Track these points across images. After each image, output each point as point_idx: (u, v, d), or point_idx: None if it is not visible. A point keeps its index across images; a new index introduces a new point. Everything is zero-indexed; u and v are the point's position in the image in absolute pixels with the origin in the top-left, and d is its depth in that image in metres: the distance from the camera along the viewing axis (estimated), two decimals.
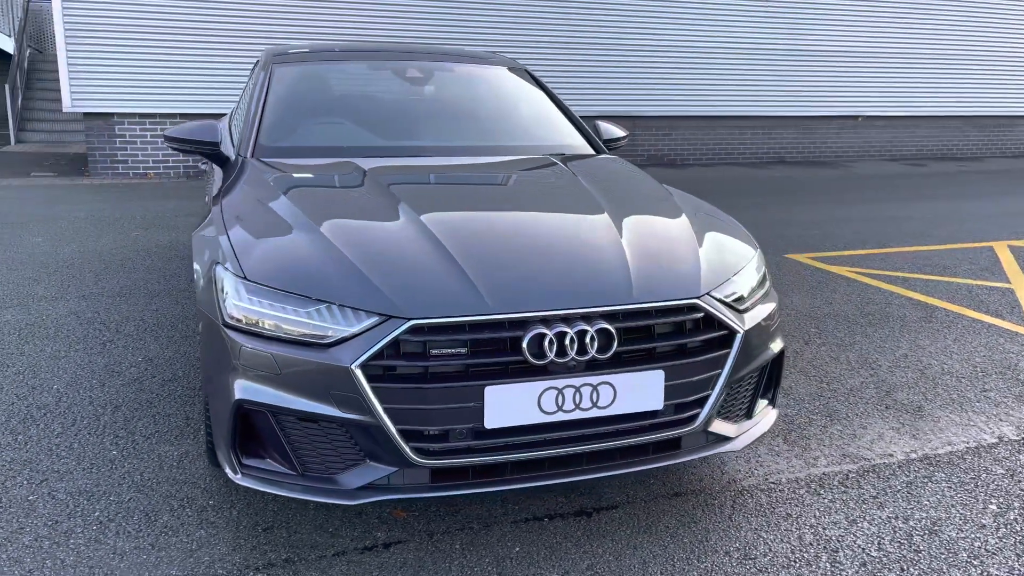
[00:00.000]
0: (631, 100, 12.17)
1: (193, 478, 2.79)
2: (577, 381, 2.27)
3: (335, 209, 2.74)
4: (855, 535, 2.58)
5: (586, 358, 2.26)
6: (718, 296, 2.50)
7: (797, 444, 3.18)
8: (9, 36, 15.58)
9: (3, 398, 3.41)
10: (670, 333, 2.42)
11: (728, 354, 2.48)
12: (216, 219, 2.71)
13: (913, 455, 3.12)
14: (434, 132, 3.72)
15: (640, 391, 2.34)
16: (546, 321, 2.25)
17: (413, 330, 2.17)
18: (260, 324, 2.26)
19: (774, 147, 13.57)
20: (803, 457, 3.08)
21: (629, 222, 2.73)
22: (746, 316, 2.57)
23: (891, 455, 3.12)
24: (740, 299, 2.59)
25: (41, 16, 16.90)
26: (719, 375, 2.47)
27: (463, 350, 2.22)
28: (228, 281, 2.36)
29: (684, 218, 2.86)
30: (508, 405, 2.22)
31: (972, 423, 3.40)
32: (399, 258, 2.41)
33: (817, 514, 2.70)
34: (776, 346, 2.75)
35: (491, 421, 2.22)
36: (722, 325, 2.47)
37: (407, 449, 2.20)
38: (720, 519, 2.65)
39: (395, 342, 2.17)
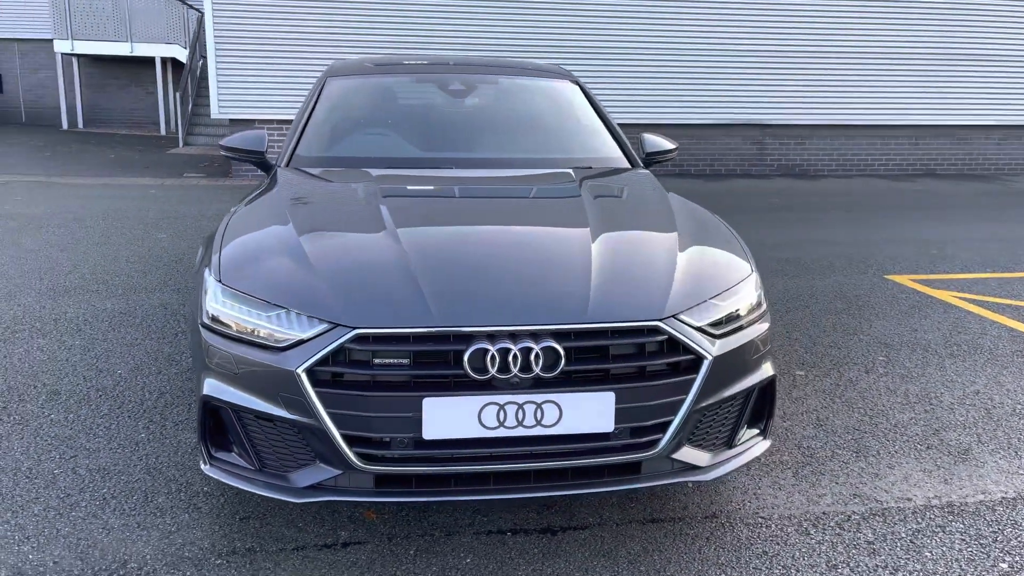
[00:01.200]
0: (759, 107, 11.74)
1: (198, 465, 3.00)
2: (520, 398, 2.26)
3: (322, 220, 2.87)
4: None
5: (530, 376, 2.26)
6: (686, 319, 2.41)
7: (807, 479, 3.01)
8: (184, 47, 17.05)
9: (75, 379, 3.79)
10: (629, 355, 2.37)
11: (694, 379, 2.39)
12: (221, 225, 2.90)
13: (935, 501, 2.87)
14: (465, 144, 3.79)
15: (588, 412, 2.30)
16: (492, 336, 2.26)
17: (358, 339, 2.25)
18: (228, 325, 2.42)
19: (922, 158, 12.67)
20: (807, 493, 2.91)
21: (608, 240, 2.68)
22: (721, 341, 2.46)
23: (910, 499, 2.88)
24: (718, 323, 2.49)
25: None
26: (683, 401, 2.39)
27: (406, 361, 2.27)
28: (208, 283, 2.53)
29: (672, 236, 2.77)
30: (446, 418, 2.25)
31: (1021, 471, 3.09)
32: (361, 269, 2.50)
33: (796, 555, 2.55)
34: (763, 373, 2.62)
35: (429, 432, 2.26)
36: (687, 350, 2.39)
37: (350, 454, 2.28)
38: (687, 550, 2.56)
39: (342, 349, 2.26)
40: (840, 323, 4.89)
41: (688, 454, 2.51)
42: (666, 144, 3.99)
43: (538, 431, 2.29)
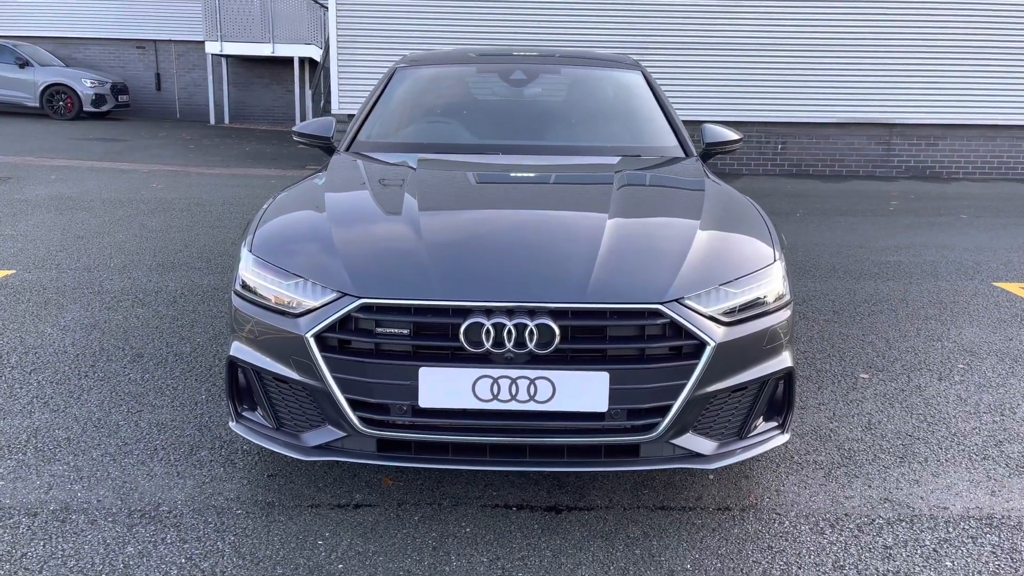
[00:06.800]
0: (886, 105, 11.13)
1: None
2: (513, 373, 2.32)
3: (353, 201, 3.02)
4: None
5: (525, 351, 2.31)
6: (692, 304, 2.39)
7: (837, 480, 2.89)
8: (319, 47, 17.94)
9: (159, 344, 4.13)
10: (627, 336, 2.38)
11: (695, 365, 2.37)
12: (265, 205, 3.10)
13: (974, 512, 2.70)
14: (517, 132, 3.85)
15: (581, 391, 2.33)
16: (489, 311, 2.33)
17: (363, 308, 2.37)
18: (253, 291, 2.59)
19: None
20: (834, 494, 2.80)
21: (622, 224, 2.68)
22: (730, 328, 2.42)
23: (946, 508, 2.73)
24: (730, 310, 2.45)
25: None
26: (683, 386, 2.37)
27: (406, 331, 2.37)
28: (243, 254, 2.73)
29: (693, 222, 2.74)
30: (441, 388, 2.34)
31: None
32: (376, 247, 2.62)
33: (803, 553, 2.47)
34: (779, 364, 2.56)
35: (425, 400, 2.35)
36: (689, 335, 2.37)
37: (353, 418, 2.41)
38: (688, 539, 2.53)
39: (348, 318, 2.38)
40: (926, 328, 4.62)
41: (691, 441, 2.48)
42: (729, 135, 3.91)
43: (532, 406, 2.33)
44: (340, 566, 2.37)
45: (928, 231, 7.65)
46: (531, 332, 2.29)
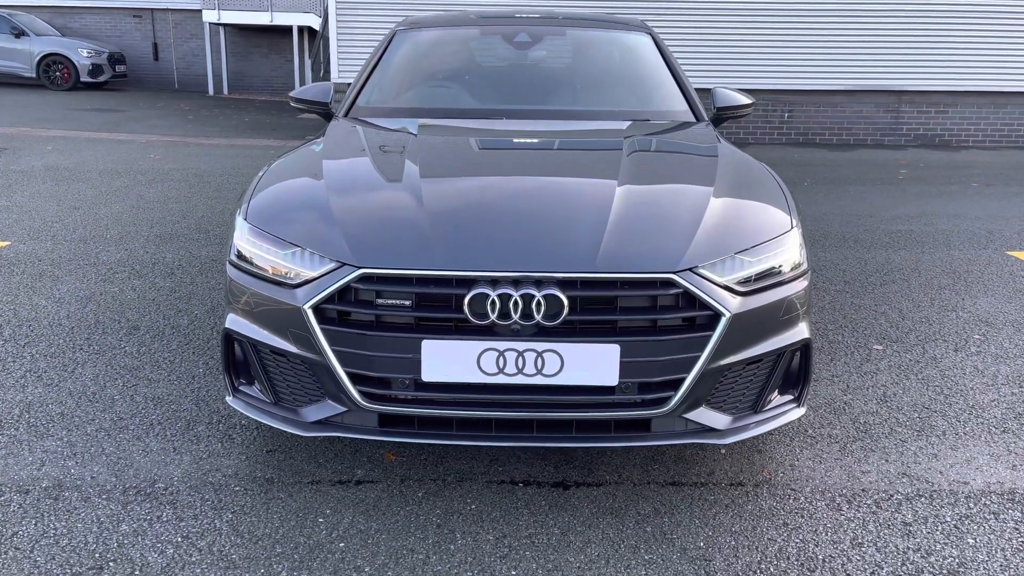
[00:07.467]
0: (894, 71, 10.93)
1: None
2: (520, 345, 2.22)
3: (352, 168, 2.91)
4: (848, 559, 2.25)
5: (532, 323, 2.21)
6: (706, 273, 2.29)
7: (853, 454, 2.81)
8: (318, 16, 17.66)
9: (155, 316, 4.04)
10: (639, 308, 2.28)
11: (709, 337, 2.27)
12: (260, 172, 2.99)
13: (995, 487, 2.62)
14: (521, 96, 3.73)
15: (590, 364, 2.23)
16: (495, 282, 2.23)
17: (363, 278, 2.27)
18: (249, 261, 2.49)
19: None
20: (850, 469, 2.72)
21: (633, 191, 2.57)
22: (746, 298, 2.32)
23: (966, 483, 2.64)
24: (746, 279, 2.35)
25: None
26: (697, 358, 2.28)
27: (408, 302, 2.27)
28: (238, 222, 2.62)
29: (706, 189, 2.63)
30: (445, 361, 2.24)
31: None
32: (377, 215, 2.51)
33: (820, 530, 2.39)
34: (796, 335, 2.46)
35: (428, 374, 2.25)
36: (703, 305, 2.27)
37: (354, 392, 2.31)
38: (700, 515, 2.45)
39: (348, 288, 2.28)
40: (940, 298, 4.52)
41: (704, 415, 2.39)
42: (741, 99, 3.78)
43: (539, 380, 2.24)
44: (341, 544, 2.29)
45: (939, 200, 7.51)
46: (538, 303, 2.19)
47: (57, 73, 17.44)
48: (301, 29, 18.52)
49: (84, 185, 7.28)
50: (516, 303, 2.19)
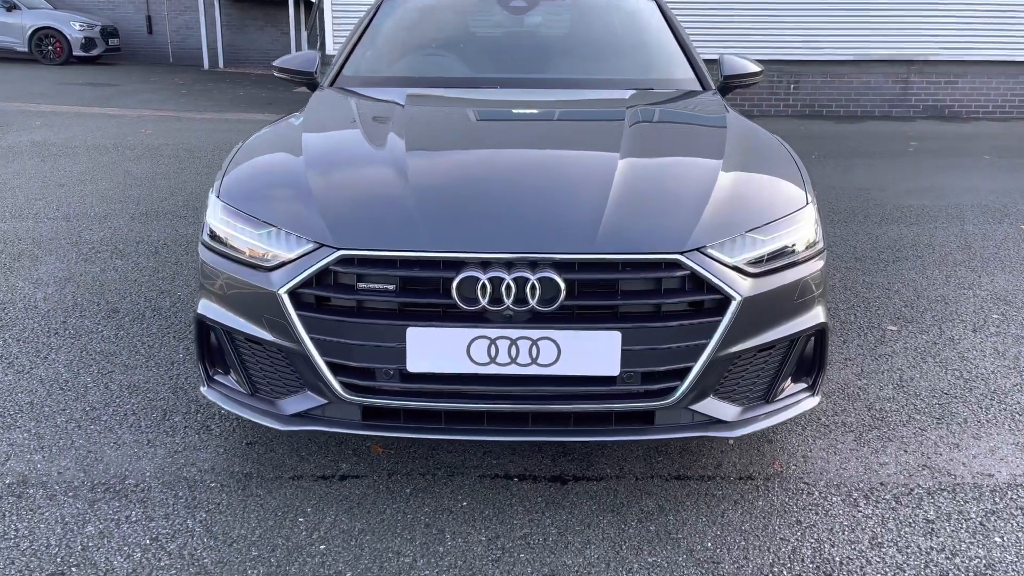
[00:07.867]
0: (903, 41, 10.64)
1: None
2: (513, 333, 2.05)
3: (333, 142, 2.73)
4: (867, 560, 2.09)
5: (525, 309, 2.03)
6: (715, 253, 2.11)
7: (870, 445, 2.64)
8: None
9: (136, 298, 3.86)
10: (642, 291, 2.10)
11: (718, 322, 2.10)
12: (236, 147, 2.80)
13: (1022, 480, 2.45)
14: (517, 65, 3.52)
15: (589, 352, 2.06)
16: (485, 264, 2.05)
17: (342, 261, 2.09)
18: (222, 241, 2.32)
19: None
20: (867, 460, 2.55)
21: (636, 165, 2.38)
22: (758, 280, 2.14)
23: (991, 475, 2.48)
24: (758, 260, 2.17)
25: None
26: (704, 346, 2.10)
27: (391, 287, 2.10)
28: (211, 199, 2.44)
29: (715, 163, 2.43)
30: (432, 350, 2.07)
31: None
32: (358, 191, 2.33)
33: (836, 528, 2.22)
34: (812, 319, 2.29)
35: (414, 364, 2.08)
36: (712, 288, 2.09)
37: (335, 383, 2.15)
38: (708, 512, 2.28)
39: (326, 271, 2.11)
40: (955, 275, 4.34)
41: (712, 406, 2.22)
42: (750, 67, 3.56)
43: (534, 370, 2.07)
44: (322, 547, 2.13)
45: (950, 173, 7.30)
46: (533, 287, 2.01)
47: (50, 47, 17.12)
48: (297, 1, 18.16)
49: (70, 161, 7.07)
50: (509, 287, 2.01)
